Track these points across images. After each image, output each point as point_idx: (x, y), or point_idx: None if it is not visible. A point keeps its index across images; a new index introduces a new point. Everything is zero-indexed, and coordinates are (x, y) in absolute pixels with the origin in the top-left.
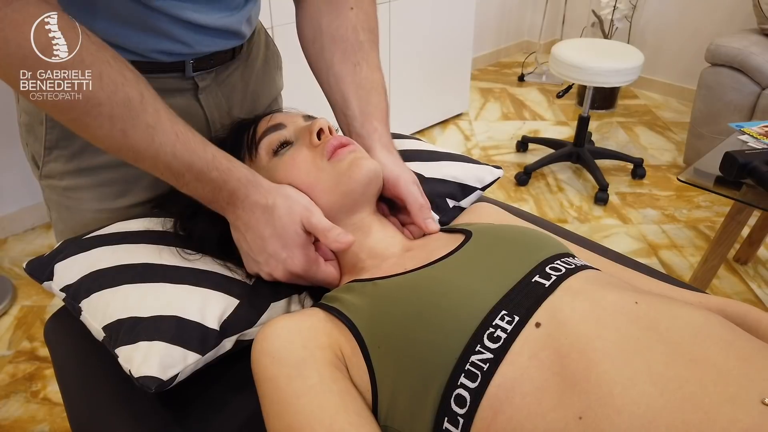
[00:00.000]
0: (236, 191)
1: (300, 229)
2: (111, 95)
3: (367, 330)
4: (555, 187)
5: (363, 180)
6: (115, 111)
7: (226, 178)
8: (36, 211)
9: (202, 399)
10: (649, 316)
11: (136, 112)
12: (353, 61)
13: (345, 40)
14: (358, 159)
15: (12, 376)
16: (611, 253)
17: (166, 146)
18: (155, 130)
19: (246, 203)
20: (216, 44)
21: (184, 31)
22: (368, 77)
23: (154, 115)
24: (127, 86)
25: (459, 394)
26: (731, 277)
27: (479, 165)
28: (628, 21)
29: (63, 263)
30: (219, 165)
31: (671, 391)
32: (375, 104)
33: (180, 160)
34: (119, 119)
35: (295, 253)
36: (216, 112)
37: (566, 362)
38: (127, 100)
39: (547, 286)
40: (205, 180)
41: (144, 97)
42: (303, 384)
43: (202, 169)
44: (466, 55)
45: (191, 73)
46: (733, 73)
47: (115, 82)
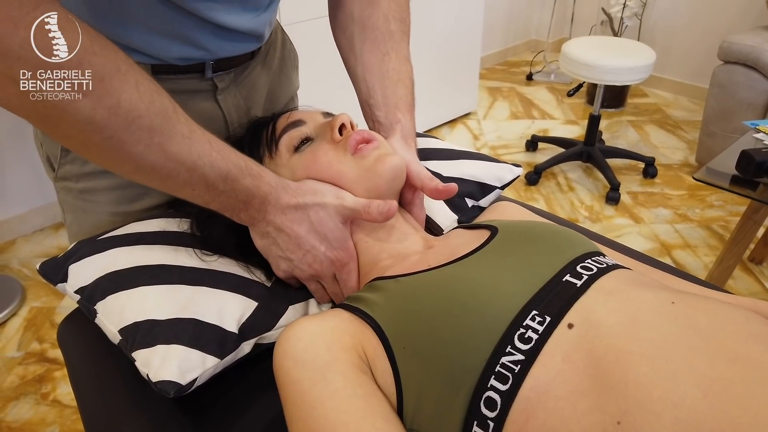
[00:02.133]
0: (268, 196)
1: (338, 221)
2: (149, 105)
3: (392, 329)
4: (566, 187)
5: (388, 176)
6: (154, 122)
7: (258, 184)
8: (44, 212)
9: (220, 404)
10: (688, 315)
11: (172, 122)
12: (382, 50)
13: (376, 29)
14: (383, 155)
15: (22, 377)
16: (631, 251)
17: (204, 157)
18: (191, 140)
19: (278, 206)
20: (238, 48)
21: (209, 37)
22: (396, 68)
23: (186, 124)
24: (161, 95)
25: (489, 397)
26: (746, 277)
27: (498, 163)
28: (638, 19)
29: (77, 264)
30: (251, 171)
31: (716, 393)
32: (401, 96)
33: (217, 170)
34: (158, 131)
35: (335, 244)
36: (234, 112)
37: (602, 364)
38: (164, 110)
39: (578, 285)
40: (239, 188)
41: (175, 106)
42: (327, 388)
43: (237, 177)
44: (474, 54)
45: (210, 75)
46: (747, 70)
47: (150, 90)
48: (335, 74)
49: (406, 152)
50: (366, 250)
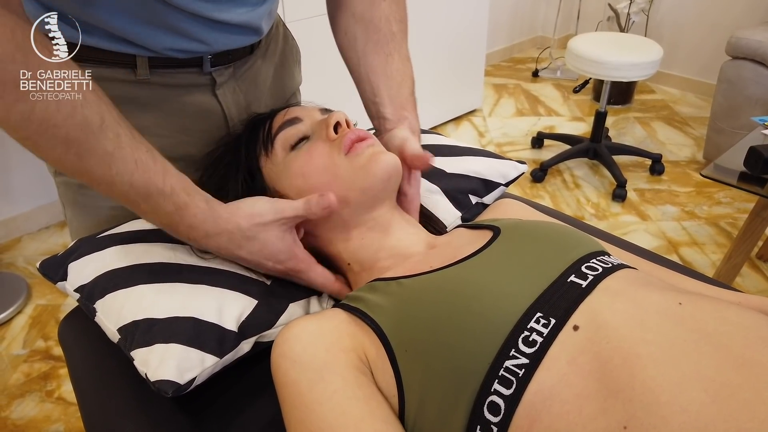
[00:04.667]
0: (193, 228)
1: (282, 234)
2: (68, 117)
3: (393, 332)
4: (572, 184)
5: (382, 175)
6: (71, 134)
7: (182, 214)
8: (50, 209)
9: (220, 403)
10: (695, 318)
11: (94, 136)
12: (386, 51)
13: (378, 31)
14: (377, 153)
15: (27, 375)
16: (638, 249)
17: (124, 175)
18: (113, 157)
19: (209, 236)
20: (235, 42)
21: (203, 28)
22: (399, 69)
23: (114, 140)
24: (87, 108)
25: (492, 402)
26: (754, 274)
27: (502, 160)
28: (645, 14)
29: (77, 263)
30: (177, 199)
31: (724, 398)
32: (405, 96)
33: (136, 191)
34: (75, 143)
35: (281, 257)
36: (234, 107)
37: (608, 368)
38: (86, 123)
39: (584, 286)
40: (161, 213)
41: (104, 120)
42: (326, 389)
43: (158, 201)
44: (479, 50)
45: (209, 69)
46: (755, 66)
47: (73, 104)
48: (338, 71)
49: (412, 139)
50: (362, 248)
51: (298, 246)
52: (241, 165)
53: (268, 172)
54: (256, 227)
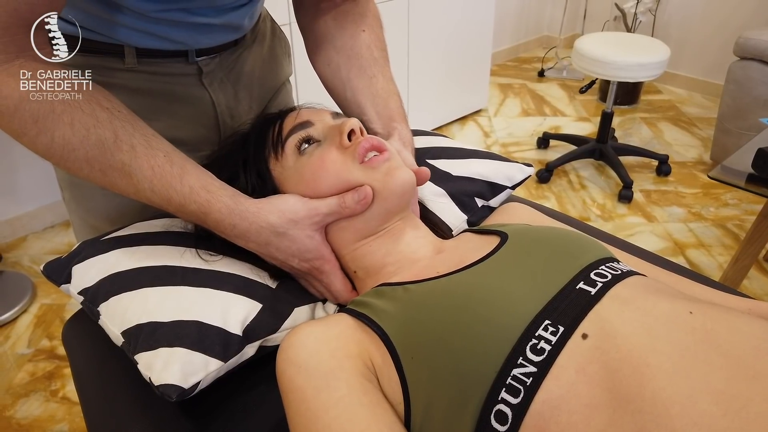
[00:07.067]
0: (220, 222)
1: (310, 232)
2: (83, 140)
3: (400, 338)
4: (577, 185)
5: (398, 191)
6: (90, 153)
7: (206, 211)
8: (55, 208)
9: (224, 407)
10: (706, 328)
11: (110, 151)
12: (369, 74)
13: (360, 57)
14: (393, 169)
15: (32, 374)
16: (645, 253)
17: (144, 182)
18: (131, 168)
19: (236, 231)
20: (216, 40)
21: (185, 32)
22: (384, 87)
23: (129, 152)
24: (99, 128)
25: (500, 410)
26: (762, 277)
27: (508, 162)
28: (651, 14)
29: (81, 265)
30: (197, 198)
31: (735, 411)
32: (393, 109)
33: (159, 195)
34: (95, 161)
35: (308, 256)
36: (222, 95)
37: (617, 378)
38: (100, 142)
39: (593, 293)
40: (186, 212)
41: (117, 135)
42: (331, 396)
43: (180, 202)
44: (485, 50)
45: (194, 59)
46: (763, 66)
47: (86, 126)
48: None
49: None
50: (369, 254)
51: (326, 246)
52: (250, 166)
53: (277, 175)
54: (289, 223)
